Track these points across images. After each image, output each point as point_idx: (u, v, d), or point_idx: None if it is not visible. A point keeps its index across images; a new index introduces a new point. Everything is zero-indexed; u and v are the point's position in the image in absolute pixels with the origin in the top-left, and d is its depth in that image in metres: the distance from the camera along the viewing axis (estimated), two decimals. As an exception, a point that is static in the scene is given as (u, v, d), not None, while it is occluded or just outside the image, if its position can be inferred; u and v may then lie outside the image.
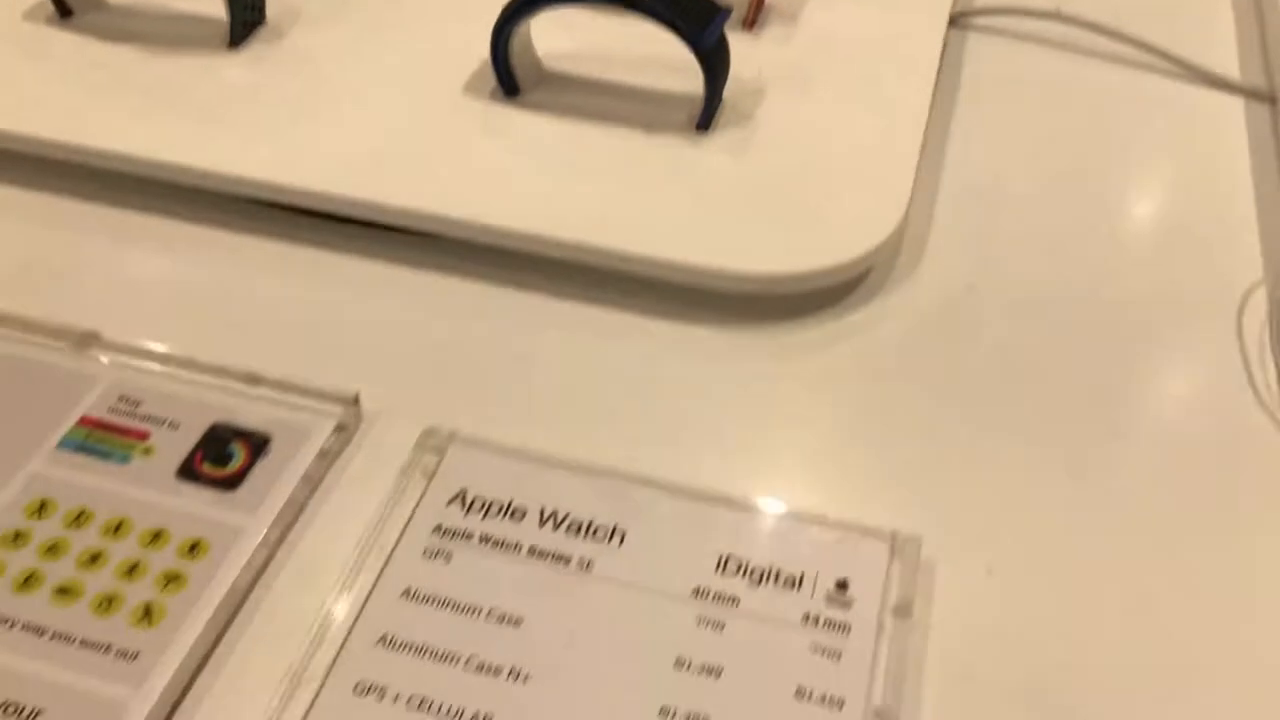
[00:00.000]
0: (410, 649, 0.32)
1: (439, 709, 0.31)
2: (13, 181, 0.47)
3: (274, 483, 0.36)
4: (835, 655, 0.32)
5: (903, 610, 0.33)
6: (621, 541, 0.35)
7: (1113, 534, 0.36)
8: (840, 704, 0.31)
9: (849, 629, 0.33)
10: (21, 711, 0.30)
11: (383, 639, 0.32)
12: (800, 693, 0.31)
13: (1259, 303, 0.44)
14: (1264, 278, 0.45)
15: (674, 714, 0.31)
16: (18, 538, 0.34)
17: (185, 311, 0.43)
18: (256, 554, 0.34)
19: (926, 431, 0.39)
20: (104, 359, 0.39)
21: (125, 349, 0.40)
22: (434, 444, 0.37)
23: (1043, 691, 0.33)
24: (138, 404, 0.38)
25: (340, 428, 0.38)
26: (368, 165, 0.45)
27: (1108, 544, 0.36)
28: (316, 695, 0.31)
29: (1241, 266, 0.45)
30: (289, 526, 0.35)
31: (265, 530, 0.35)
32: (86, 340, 0.40)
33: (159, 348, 0.40)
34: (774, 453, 0.39)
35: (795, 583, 0.34)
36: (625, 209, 0.44)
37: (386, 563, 0.34)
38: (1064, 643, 0.34)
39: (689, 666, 0.32)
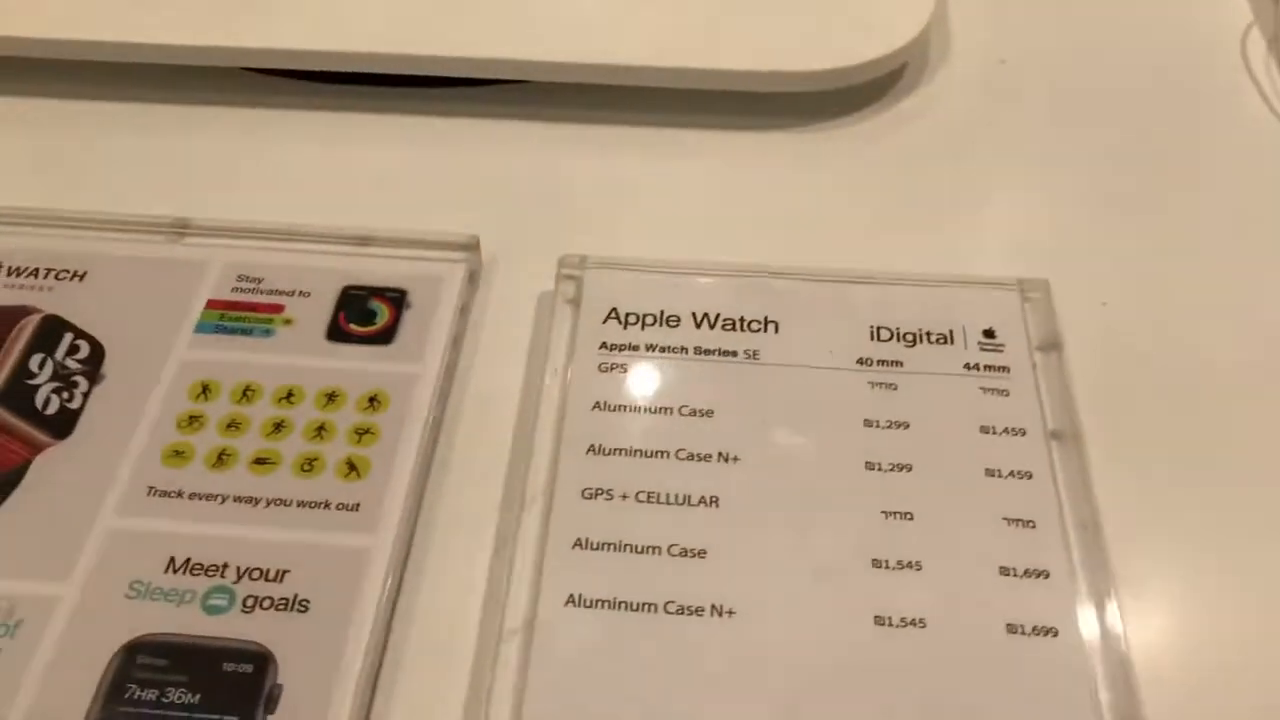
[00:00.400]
0: (619, 452, 0.33)
1: (666, 498, 0.32)
2: (58, 92, 0.45)
3: (426, 329, 0.36)
4: (1004, 393, 0.35)
5: (1048, 345, 0.36)
6: (777, 330, 0.36)
7: (1212, 245, 0.40)
8: (1022, 432, 0.34)
9: (1008, 369, 0.35)
10: (268, 574, 0.31)
11: (590, 448, 0.33)
12: (984, 429, 0.34)
13: None
14: None
15: (879, 466, 0.33)
16: (193, 421, 0.34)
17: (263, 188, 0.42)
18: (435, 396, 0.35)
19: (1010, 189, 0.42)
20: (204, 242, 0.38)
21: (223, 229, 0.39)
22: (569, 272, 0.38)
23: (1180, 386, 0.36)
24: (259, 280, 0.37)
25: (470, 271, 0.38)
26: (429, 19, 0.44)
27: (1212, 254, 0.39)
28: (550, 506, 0.32)
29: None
30: (454, 367, 0.36)
31: (436, 373, 0.35)
32: (180, 226, 0.39)
33: (256, 223, 0.39)
34: (880, 230, 0.41)
35: (946, 338, 0.36)
36: (688, 26, 0.44)
37: (567, 382, 0.35)
38: (1188, 341, 0.37)
39: (878, 424, 0.34)
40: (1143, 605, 0.31)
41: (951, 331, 0.36)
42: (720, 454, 0.33)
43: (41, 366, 0.35)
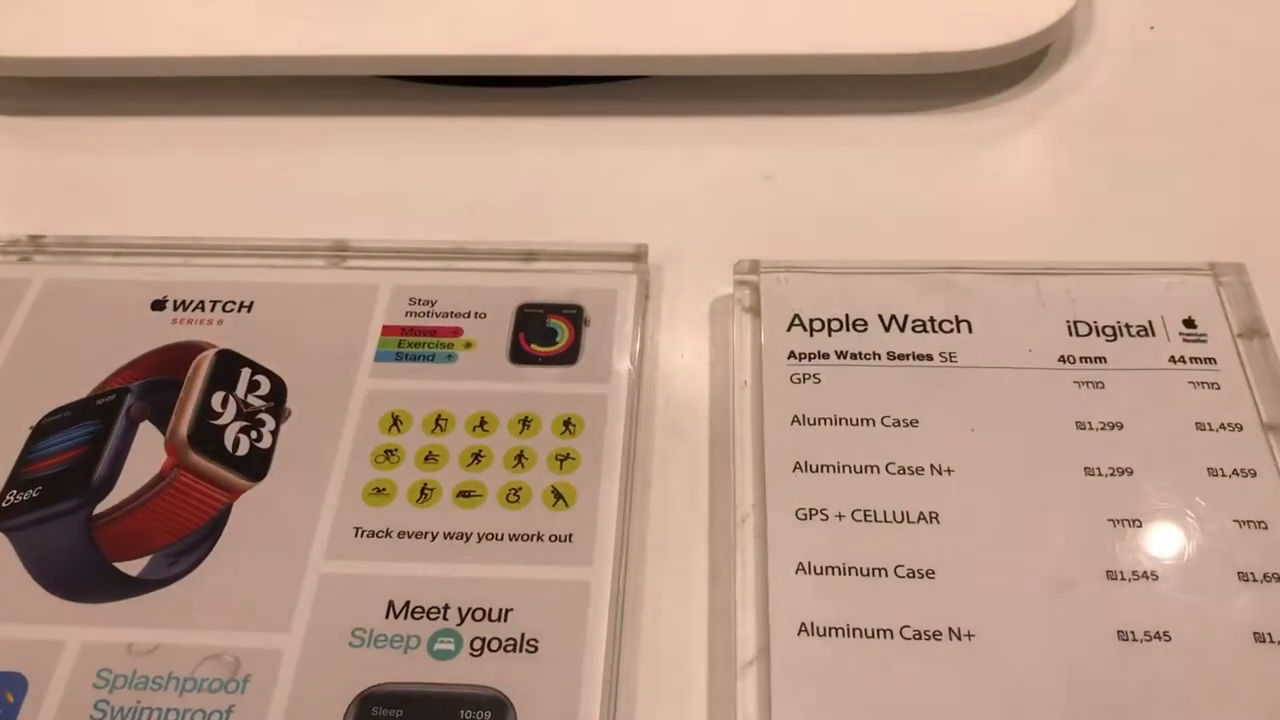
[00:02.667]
0: (826, 469, 0.32)
1: (884, 515, 0.32)
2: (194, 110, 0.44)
3: (609, 346, 0.35)
4: (1214, 386, 0.34)
5: (1252, 331, 0.35)
6: (970, 329, 0.35)
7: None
8: (1239, 427, 0.33)
9: (1214, 361, 0.34)
10: (491, 613, 0.30)
11: (796, 466, 0.33)
12: (1200, 426, 0.33)
13: None
14: None
15: (1099, 471, 0.32)
16: (389, 455, 0.33)
17: (413, 202, 0.41)
18: (628, 417, 0.34)
19: (1182, 164, 0.40)
20: (366, 264, 0.38)
21: (384, 251, 0.38)
22: (743, 278, 0.37)
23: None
24: (432, 303, 0.37)
25: (642, 281, 0.37)
26: (555, 18, 0.43)
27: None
28: (764, 526, 0.31)
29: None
30: (639, 384, 0.35)
31: (625, 392, 0.34)
32: (339, 250, 0.38)
33: (417, 242, 0.38)
34: (1053, 214, 0.39)
35: (1147, 330, 0.35)
36: (826, 9, 0.43)
37: (760, 397, 0.34)
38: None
39: (1090, 426, 0.33)
40: (1394, 607, 0.30)
41: (1150, 323, 0.35)
42: (933, 466, 0.32)
43: (224, 405, 0.34)
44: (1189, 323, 0.35)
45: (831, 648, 0.29)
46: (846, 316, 0.36)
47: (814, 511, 0.32)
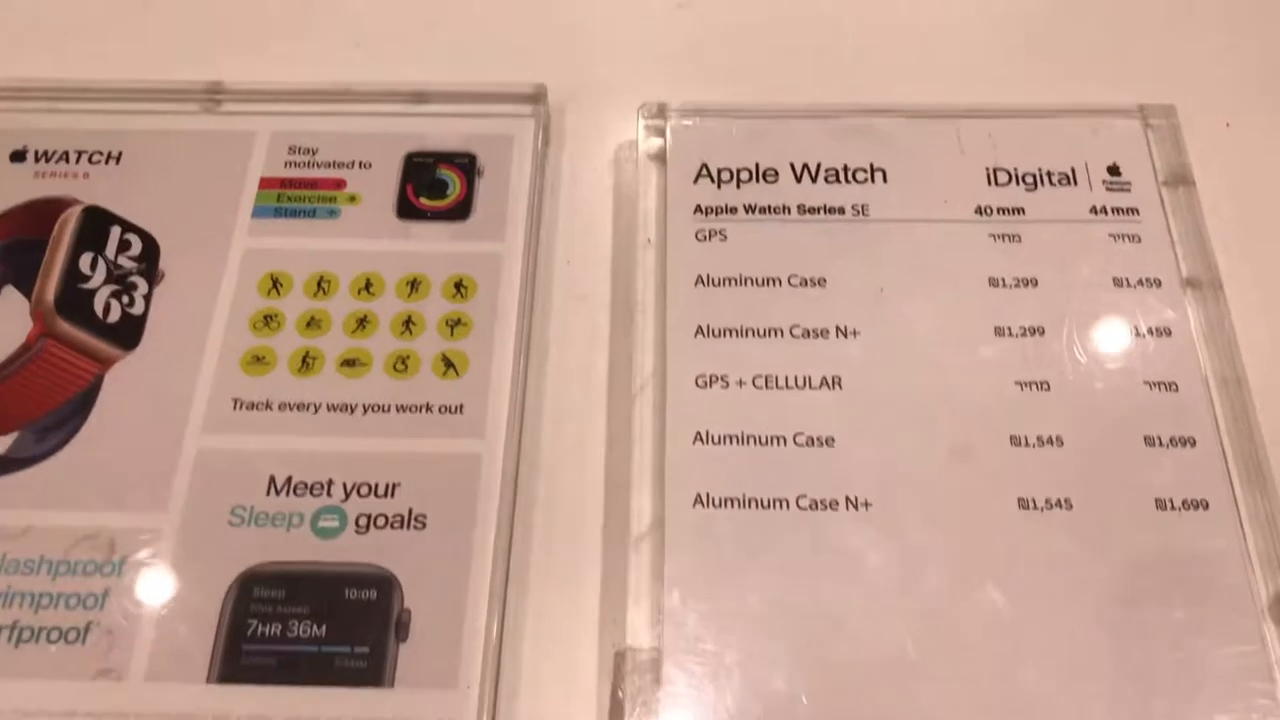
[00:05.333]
0: (729, 333, 0.31)
1: (785, 381, 0.30)
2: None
3: (504, 200, 0.33)
4: (1135, 239, 0.32)
5: (1178, 178, 0.33)
6: (885, 179, 0.33)
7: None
8: (1157, 283, 0.32)
9: (1137, 211, 0.33)
10: (377, 489, 0.29)
11: (699, 330, 0.31)
12: (1118, 282, 0.32)
13: None
14: None
15: (1009, 332, 0.31)
16: (268, 321, 0.31)
17: (295, 40, 0.38)
18: (524, 278, 0.32)
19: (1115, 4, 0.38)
20: (242, 109, 0.35)
21: (262, 93, 0.35)
22: (650, 123, 0.34)
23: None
24: (313, 152, 0.34)
25: (541, 127, 0.35)
26: None
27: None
28: (663, 391, 0.30)
29: None
30: (536, 241, 0.33)
31: (521, 251, 0.32)
32: (213, 92, 0.35)
33: (298, 84, 0.35)
34: (979, 56, 0.37)
35: (1069, 178, 0.33)
36: None
37: (664, 255, 0.32)
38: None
39: (1004, 283, 0.32)
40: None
41: (1074, 169, 0.34)
42: (838, 329, 0.31)
43: (93, 267, 0.32)
44: (1113, 169, 0.34)
45: (727, 519, 0.29)
46: (757, 166, 0.34)
47: (714, 379, 0.30)
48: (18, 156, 0.34)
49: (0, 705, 0.27)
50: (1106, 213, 0.33)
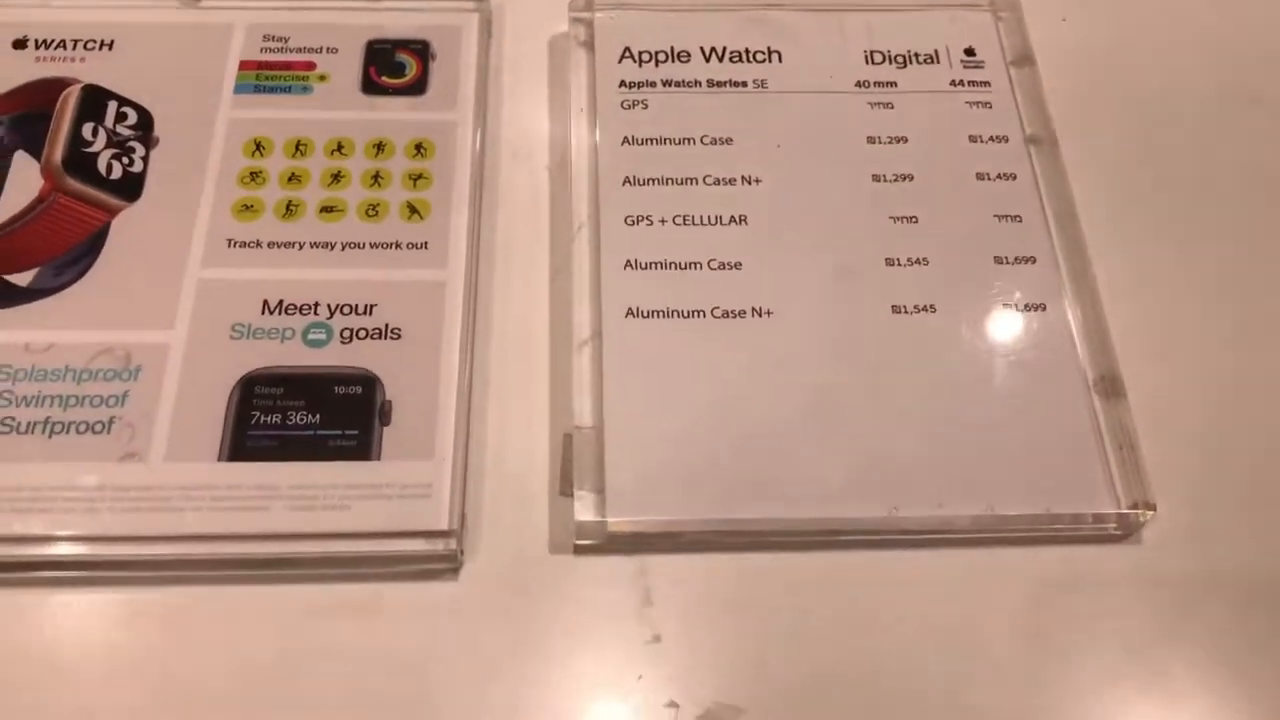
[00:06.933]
0: (652, 182, 0.37)
1: (700, 219, 0.36)
2: None
3: (455, 79, 0.38)
4: (987, 105, 0.39)
5: (1023, 59, 0.40)
6: (780, 59, 0.39)
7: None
8: (1005, 139, 0.38)
9: (989, 84, 0.39)
10: (358, 308, 0.34)
11: (626, 180, 0.37)
12: (973, 138, 0.38)
13: None
14: None
15: (884, 178, 0.37)
16: (254, 177, 0.36)
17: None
18: (475, 140, 0.37)
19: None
20: (220, 4, 0.40)
21: (237, -8, 0.40)
22: (579, 15, 0.40)
23: (1144, 93, 0.40)
24: (285, 39, 0.39)
25: (485, 21, 0.40)
26: None
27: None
28: (598, 230, 0.36)
29: None
30: (484, 112, 0.38)
31: (471, 119, 0.38)
32: (194, -8, 0.40)
33: (268, -16, 0.40)
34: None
35: (933, 58, 0.40)
36: None
37: (595, 120, 0.38)
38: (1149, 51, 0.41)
39: (880, 140, 0.38)
40: (1117, 281, 0.36)
41: (936, 51, 0.40)
42: (744, 178, 0.37)
43: (94, 134, 0.37)
44: (969, 51, 0.40)
45: (654, 327, 0.34)
46: (672, 49, 0.40)
47: (640, 218, 0.36)
48: (19, 44, 0.38)
49: (41, 483, 0.31)
50: (964, 85, 0.39)
